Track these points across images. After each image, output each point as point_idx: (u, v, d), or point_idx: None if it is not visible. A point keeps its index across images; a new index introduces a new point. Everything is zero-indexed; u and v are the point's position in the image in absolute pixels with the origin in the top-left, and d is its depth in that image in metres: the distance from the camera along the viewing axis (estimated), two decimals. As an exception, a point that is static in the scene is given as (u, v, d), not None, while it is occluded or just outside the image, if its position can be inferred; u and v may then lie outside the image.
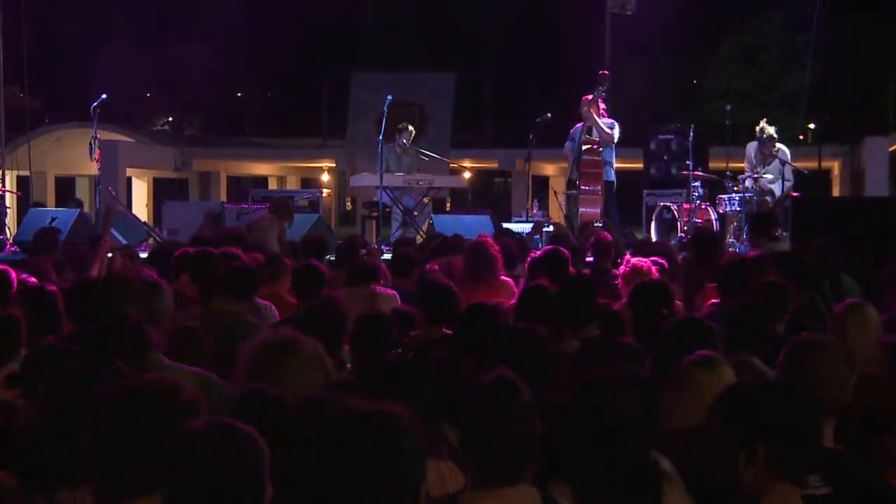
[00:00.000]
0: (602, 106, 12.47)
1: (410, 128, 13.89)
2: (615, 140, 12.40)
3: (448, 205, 23.53)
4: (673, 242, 11.17)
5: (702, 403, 3.37)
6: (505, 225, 12.56)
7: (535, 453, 2.85)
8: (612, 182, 12.56)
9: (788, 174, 12.12)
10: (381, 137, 13.04)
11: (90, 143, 12.57)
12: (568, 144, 12.64)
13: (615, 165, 12.64)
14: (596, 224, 10.92)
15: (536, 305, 5.07)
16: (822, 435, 3.02)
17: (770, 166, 12.25)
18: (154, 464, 2.51)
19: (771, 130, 12.39)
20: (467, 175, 17.17)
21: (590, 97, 12.35)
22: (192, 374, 4.19)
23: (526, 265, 7.26)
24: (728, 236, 11.91)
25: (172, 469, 2.41)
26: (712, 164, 14.87)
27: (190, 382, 3.91)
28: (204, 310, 5.67)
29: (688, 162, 13.08)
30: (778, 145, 12.41)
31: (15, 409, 3.59)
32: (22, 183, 19.49)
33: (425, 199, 13.51)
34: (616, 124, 12.49)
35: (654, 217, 13.09)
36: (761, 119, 13.00)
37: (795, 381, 3.23)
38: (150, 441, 2.60)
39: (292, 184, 28.40)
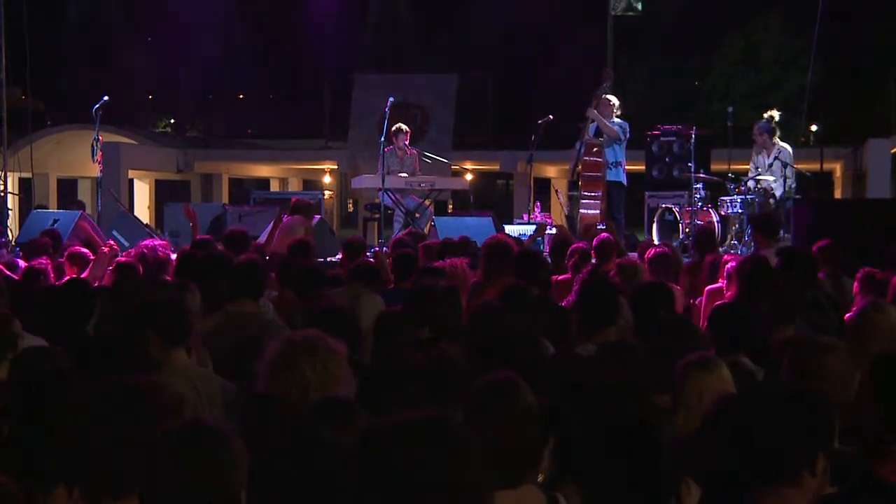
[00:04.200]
0: (614, 102, 12.55)
1: (403, 127, 13.82)
2: (620, 137, 12.43)
3: (450, 206, 23.55)
4: (675, 244, 11.16)
5: (700, 404, 3.38)
6: (507, 227, 12.56)
7: (538, 454, 2.84)
8: (622, 183, 12.59)
9: (790, 174, 12.08)
10: (382, 139, 13.03)
11: (92, 145, 12.55)
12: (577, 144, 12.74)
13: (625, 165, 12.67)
14: (598, 226, 10.92)
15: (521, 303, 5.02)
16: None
17: (772, 167, 12.23)
18: (133, 464, 2.53)
19: (776, 118, 12.42)
20: (469, 177, 17.16)
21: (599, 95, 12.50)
22: (207, 377, 4.16)
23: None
24: (730, 238, 11.90)
25: (145, 469, 2.42)
26: (714, 166, 14.86)
27: (190, 385, 3.95)
28: (222, 313, 5.56)
29: (689, 164, 13.07)
30: (780, 145, 12.38)
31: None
32: (24, 185, 19.49)
33: (426, 202, 13.50)
34: (627, 126, 12.57)
35: (655, 219, 13.09)
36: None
37: (801, 381, 3.24)
38: (126, 441, 2.62)
39: (294, 185, 28.41)
